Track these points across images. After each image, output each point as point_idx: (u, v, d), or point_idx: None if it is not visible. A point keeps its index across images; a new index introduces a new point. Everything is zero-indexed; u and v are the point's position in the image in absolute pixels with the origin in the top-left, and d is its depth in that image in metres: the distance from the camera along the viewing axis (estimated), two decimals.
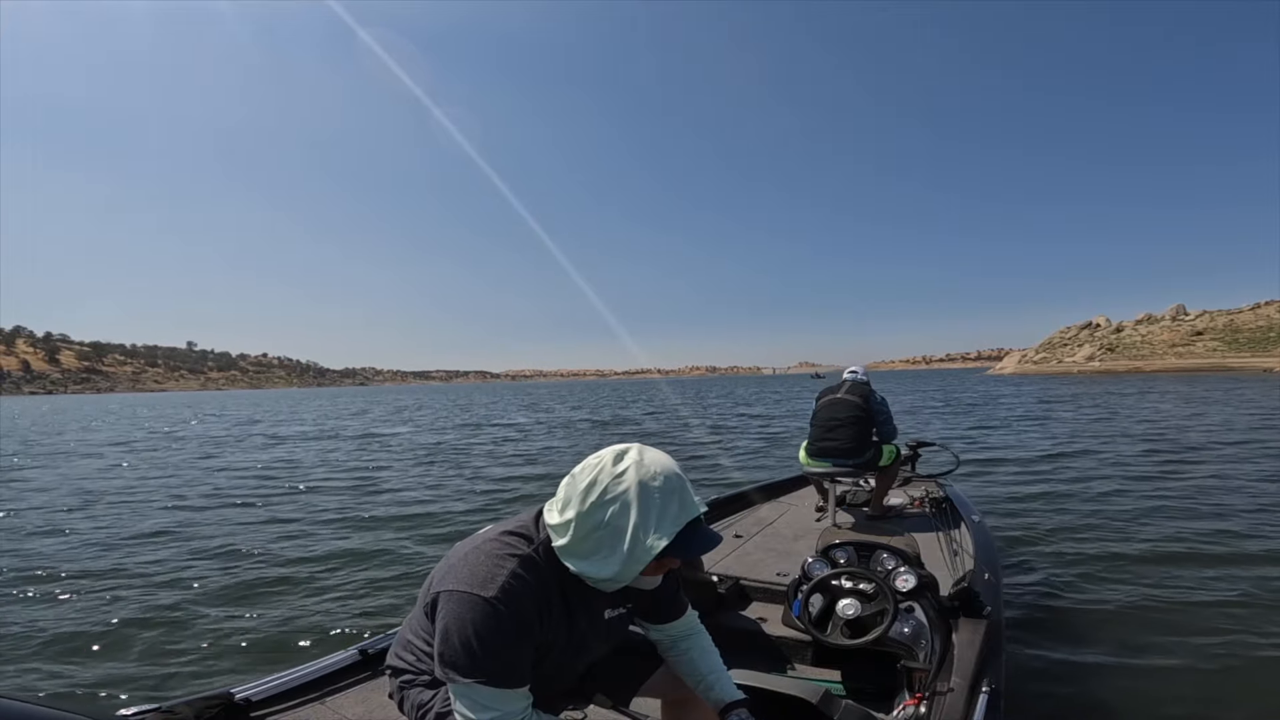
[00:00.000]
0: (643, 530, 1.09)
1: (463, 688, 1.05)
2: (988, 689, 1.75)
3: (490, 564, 1.10)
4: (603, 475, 1.11)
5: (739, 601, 2.78)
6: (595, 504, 1.10)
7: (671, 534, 1.10)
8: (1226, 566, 4.21)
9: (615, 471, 1.11)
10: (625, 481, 1.10)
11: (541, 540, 1.17)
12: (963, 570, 2.76)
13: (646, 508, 1.09)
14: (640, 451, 1.15)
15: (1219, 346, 66.62)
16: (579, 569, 1.13)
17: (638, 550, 1.10)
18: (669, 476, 1.12)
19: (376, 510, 6.97)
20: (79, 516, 6.96)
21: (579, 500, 1.11)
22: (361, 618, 3.83)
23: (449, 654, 1.06)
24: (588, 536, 1.11)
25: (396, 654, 1.31)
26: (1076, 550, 4.66)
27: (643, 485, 1.10)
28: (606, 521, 1.10)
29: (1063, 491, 6.83)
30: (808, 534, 3.68)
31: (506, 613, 1.05)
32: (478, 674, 1.04)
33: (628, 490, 1.09)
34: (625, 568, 1.11)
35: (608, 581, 1.14)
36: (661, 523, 1.10)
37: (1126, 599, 3.74)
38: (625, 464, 1.12)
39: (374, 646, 2.09)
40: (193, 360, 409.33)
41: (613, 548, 1.11)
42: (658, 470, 1.12)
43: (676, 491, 1.12)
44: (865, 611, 2.09)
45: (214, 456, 12.98)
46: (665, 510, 1.10)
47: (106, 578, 4.69)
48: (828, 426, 4.12)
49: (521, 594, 1.08)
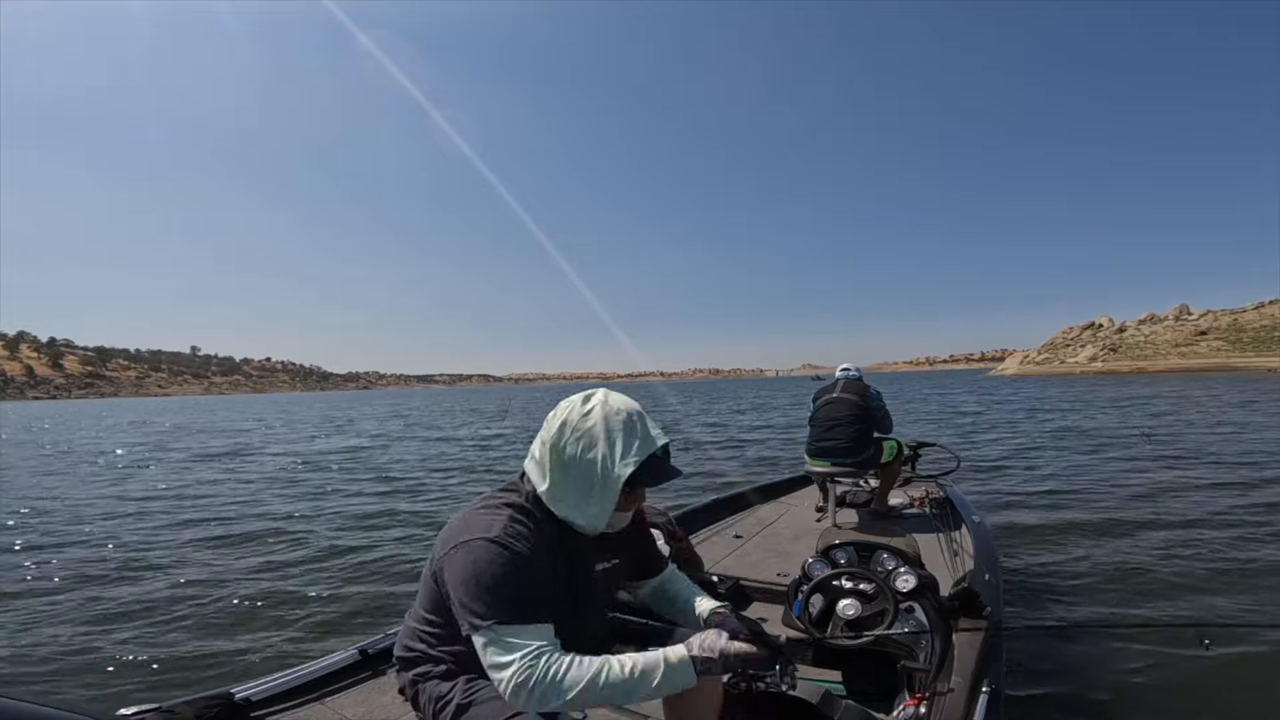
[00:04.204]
0: (610, 460, 1.21)
1: (487, 632, 1.08)
2: (988, 689, 1.75)
3: (487, 515, 1.20)
4: (572, 415, 1.24)
5: (739, 602, 2.78)
6: (567, 441, 1.22)
7: (636, 462, 1.21)
8: (1234, 569, 4.19)
9: (583, 411, 1.24)
10: (592, 418, 1.23)
11: (529, 489, 1.27)
12: (963, 570, 2.75)
13: (612, 440, 1.22)
14: (605, 394, 1.28)
15: (1223, 346, 66.39)
16: (564, 514, 1.24)
17: (609, 481, 1.21)
18: (631, 412, 1.25)
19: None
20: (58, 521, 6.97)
21: (553, 440, 1.23)
22: (361, 617, 3.83)
23: (466, 599, 1.10)
24: (565, 474, 1.23)
25: (405, 644, 1.32)
26: (1078, 551, 4.65)
27: (608, 420, 1.23)
28: (578, 456, 1.22)
29: (1065, 491, 6.80)
30: (808, 534, 3.67)
31: (512, 549, 1.13)
32: (499, 612, 1.08)
33: (595, 426, 1.22)
34: (602, 501, 1.23)
35: (592, 520, 1.24)
36: (626, 452, 1.22)
37: (1128, 600, 3.72)
38: (592, 403, 1.25)
39: (374, 646, 2.08)
40: (196, 365, 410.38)
41: (588, 481, 1.22)
42: (620, 407, 1.25)
43: (638, 425, 1.25)
44: (865, 612, 2.08)
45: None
46: (629, 441, 1.22)
47: (105, 579, 4.70)
48: (827, 426, 4.12)
49: (523, 534, 1.17)
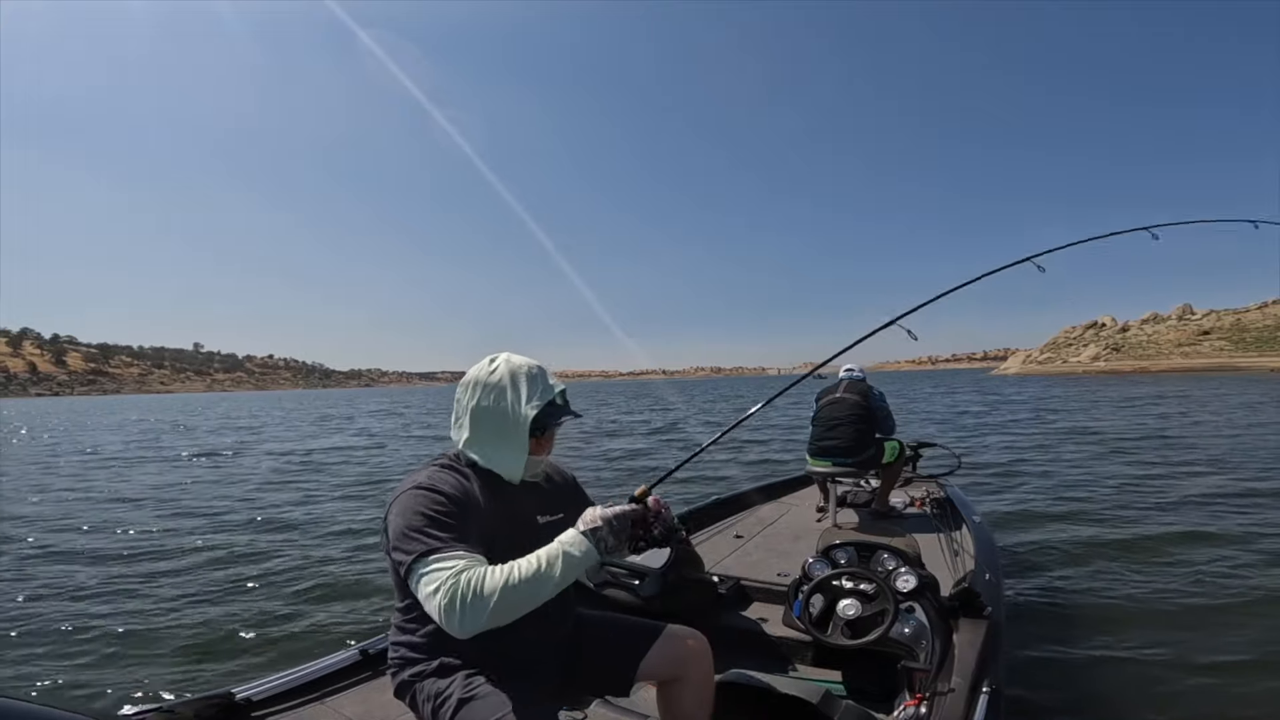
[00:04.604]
0: (516, 405, 1.40)
1: (415, 566, 1.18)
2: (988, 689, 1.75)
3: (417, 473, 1.38)
4: (481, 372, 1.43)
5: (740, 602, 2.78)
6: (479, 395, 1.41)
7: (538, 405, 1.40)
8: (1234, 566, 4.19)
9: (490, 368, 1.43)
10: (498, 373, 1.42)
11: (455, 452, 1.45)
12: (963, 571, 2.75)
13: (517, 388, 1.41)
14: (507, 355, 1.46)
15: (1226, 346, 66.19)
16: (486, 461, 1.41)
17: (518, 423, 1.39)
18: (531, 366, 1.45)
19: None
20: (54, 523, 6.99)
21: (466, 397, 1.43)
22: (361, 617, 3.84)
23: (399, 543, 1.22)
24: (477, 423, 1.41)
25: (393, 644, 1.40)
26: (1079, 551, 4.65)
27: (512, 372, 1.42)
28: (490, 406, 1.40)
29: (1066, 492, 6.79)
30: (808, 534, 3.67)
31: (435, 487, 1.29)
32: (423, 543, 1.19)
33: (501, 378, 1.41)
34: (514, 444, 1.40)
35: (509, 464, 1.41)
36: (530, 397, 1.41)
37: (1129, 599, 3.73)
38: (497, 362, 1.44)
39: (374, 646, 2.09)
40: (199, 362, 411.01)
41: (499, 427, 1.40)
42: (522, 361, 1.45)
43: (539, 376, 1.44)
44: (866, 612, 2.08)
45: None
46: (532, 388, 1.41)
47: (107, 581, 4.72)
48: (829, 425, 4.13)
49: (451, 481, 1.34)
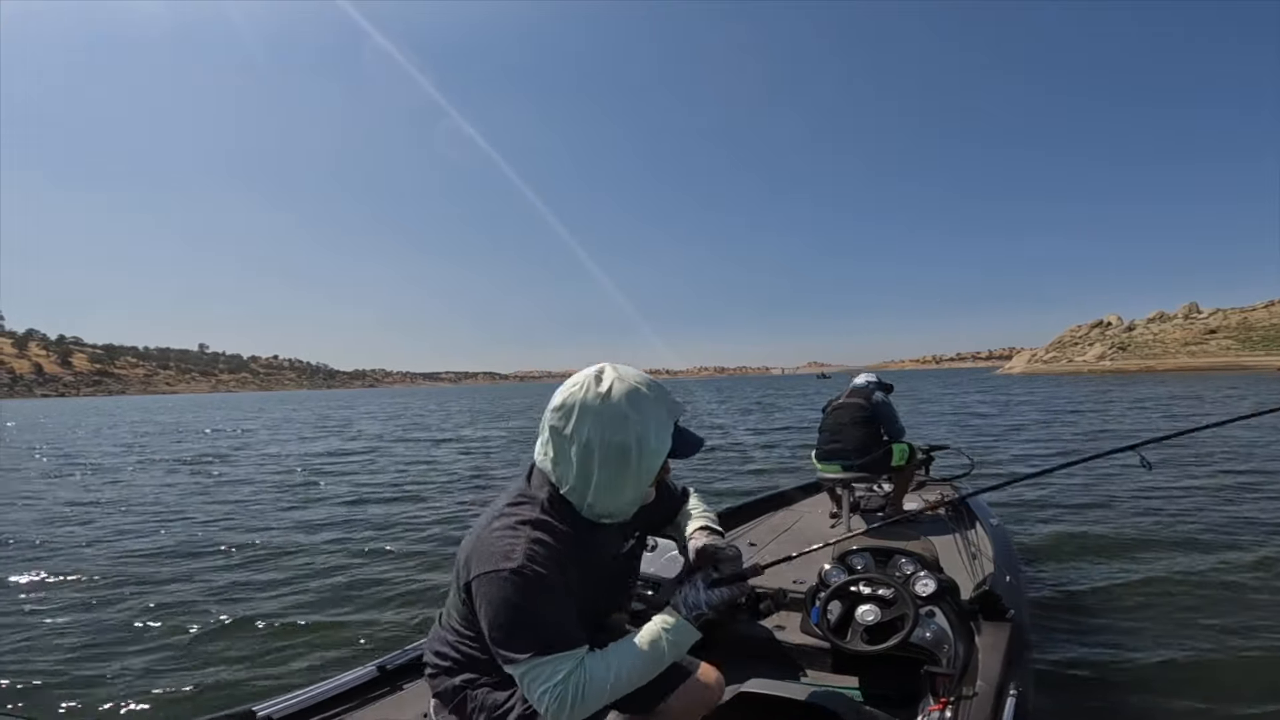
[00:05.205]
0: (644, 438, 1.09)
1: (525, 667, 1.05)
2: (1014, 692, 1.73)
3: (506, 538, 1.09)
4: (589, 397, 1.08)
5: (756, 610, 2.76)
6: (590, 427, 1.08)
7: (670, 435, 1.12)
8: (1268, 569, 4.09)
9: (600, 391, 1.09)
10: (614, 396, 1.08)
11: (545, 496, 1.15)
12: (982, 573, 2.72)
13: (643, 415, 1.09)
14: (613, 367, 1.14)
15: (1233, 345, 65.82)
16: (596, 505, 1.12)
17: (646, 461, 1.10)
18: (648, 382, 1.12)
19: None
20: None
21: (573, 430, 1.09)
22: (380, 633, 3.76)
23: (500, 637, 1.06)
24: (590, 464, 1.09)
25: (441, 651, 1.26)
26: (1101, 553, 4.58)
27: (633, 393, 1.09)
28: (606, 441, 1.08)
29: (1088, 491, 6.66)
30: (823, 540, 3.64)
31: (538, 579, 1.05)
32: (529, 647, 1.04)
33: (619, 404, 1.08)
34: (638, 484, 1.11)
35: (625, 507, 1.14)
36: (661, 426, 1.11)
37: (1157, 599, 3.64)
38: (607, 380, 1.10)
39: (393, 662, 2.08)
40: (204, 362, 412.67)
41: (620, 467, 1.09)
42: (639, 378, 1.12)
43: (663, 394, 1.13)
44: (885, 617, 2.07)
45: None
46: (658, 412, 1.11)
47: (125, 596, 4.70)
48: (834, 430, 4.21)
49: (546, 556, 1.07)
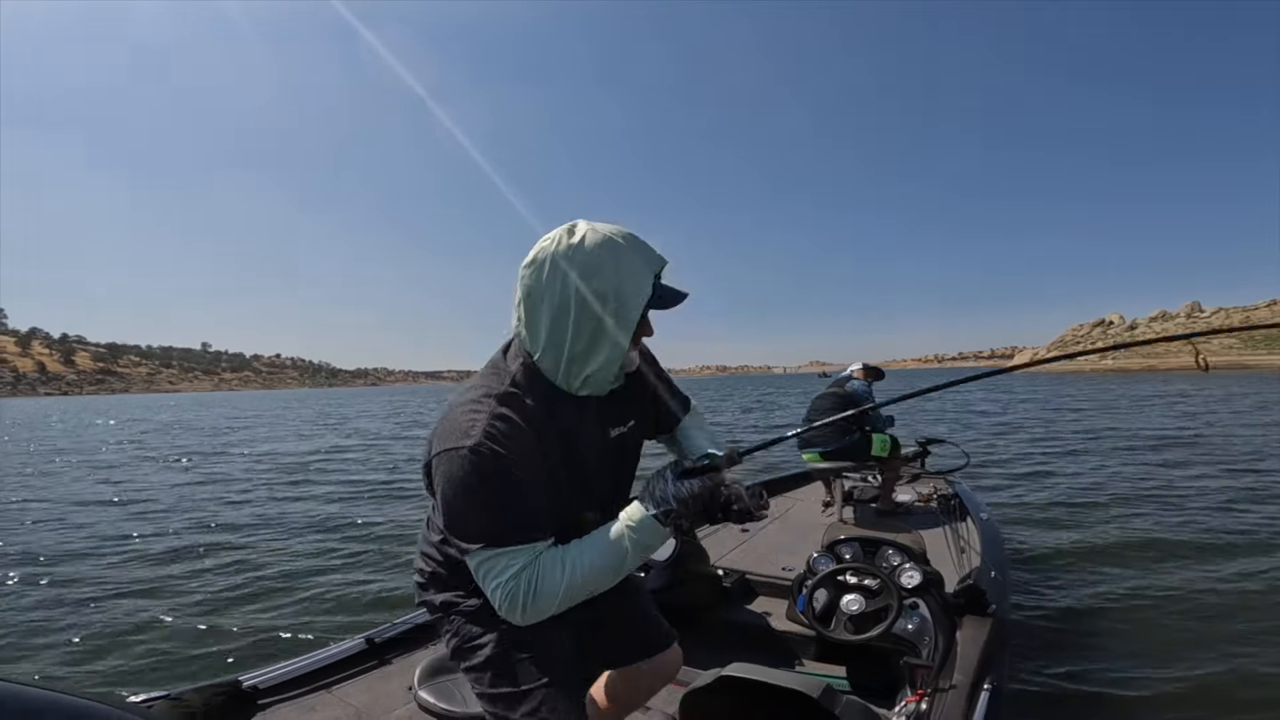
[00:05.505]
0: (621, 282, 1.00)
1: (474, 556, 0.98)
2: (989, 687, 1.75)
3: (467, 413, 1.00)
4: (560, 247, 1.00)
5: (744, 596, 2.79)
6: (561, 277, 0.99)
7: (650, 283, 1.02)
8: (1242, 568, 4.14)
9: (573, 240, 1.00)
10: (589, 242, 0.99)
11: (515, 369, 1.07)
12: (969, 568, 2.74)
13: (618, 259, 0.99)
14: (588, 221, 1.04)
15: (1235, 344, 65.71)
16: (574, 370, 1.04)
17: (626, 307, 1.01)
18: (626, 233, 1.03)
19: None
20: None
21: (545, 285, 1.00)
22: (368, 606, 3.85)
23: (453, 523, 0.99)
24: (565, 319, 1.00)
25: (425, 554, 1.21)
26: (1090, 552, 4.61)
27: (607, 241, 1.00)
28: (580, 290, 0.99)
29: (1075, 489, 6.75)
30: (814, 529, 3.67)
31: (495, 459, 0.96)
32: (486, 537, 0.97)
33: (593, 249, 0.99)
34: (618, 337, 1.02)
35: (606, 367, 1.05)
36: (640, 269, 1.01)
37: (1136, 599, 3.69)
38: (580, 230, 1.01)
39: (380, 635, 2.11)
40: (207, 361, 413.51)
41: (597, 317, 1.00)
42: (614, 229, 1.02)
43: (640, 243, 1.04)
44: (870, 607, 2.09)
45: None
46: (636, 257, 1.01)
47: (112, 570, 4.76)
48: (811, 419, 4.37)
49: (508, 434, 0.99)
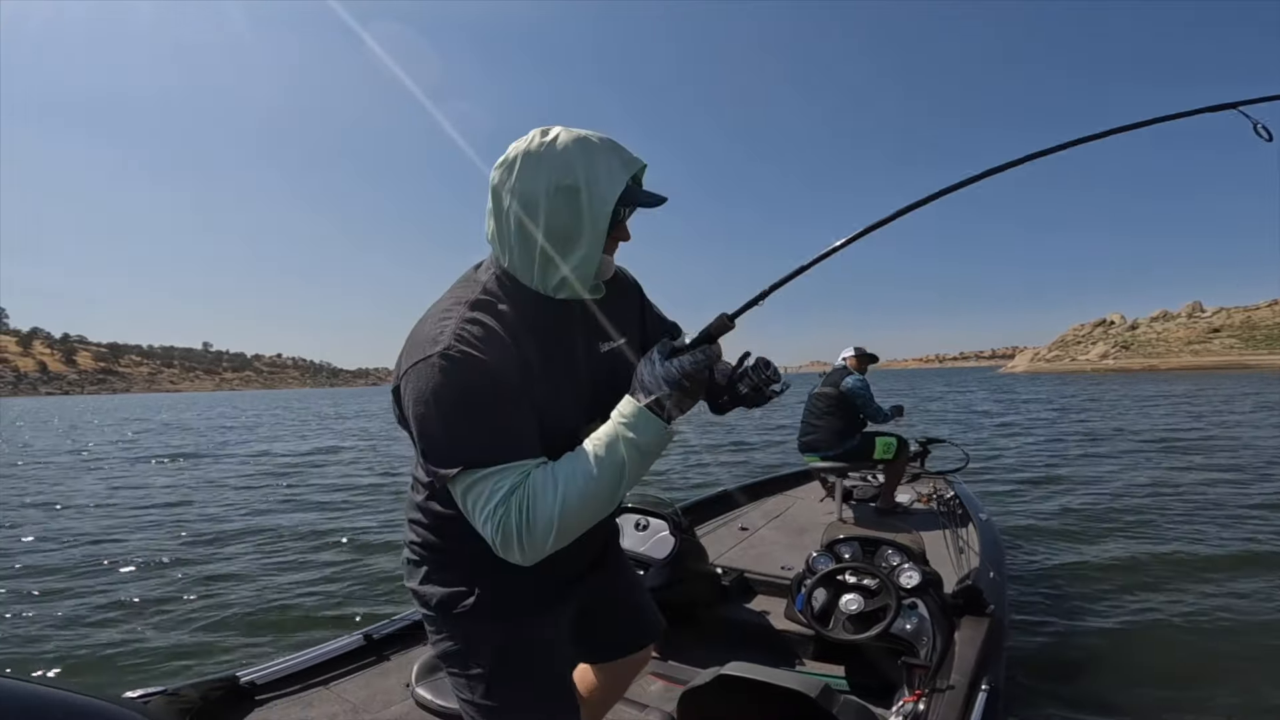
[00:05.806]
0: (594, 179, 0.93)
1: (461, 484, 0.87)
2: (987, 687, 1.75)
3: (436, 322, 0.92)
4: (532, 145, 0.94)
5: (743, 594, 2.79)
6: (532, 176, 0.93)
7: (624, 180, 0.96)
8: (1241, 571, 4.14)
9: (545, 140, 0.95)
10: (560, 141, 0.94)
11: (487, 278, 1.00)
12: (968, 568, 2.75)
13: (591, 156, 0.94)
14: (561, 127, 0.98)
15: (1236, 344, 65.71)
16: (549, 271, 0.98)
17: (597, 204, 0.94)
18: (602, 136, 0.97)
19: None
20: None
21: (514, 183, 0.94)
22: (366, 603, 3.86)
23: (428, 446, 0.88)
24: (536, 218, 0.94)
25: (412, 519, 1.11)
26: (1087, 552, 4.61)
27: (581, 139, 0.95)
28: (552, 187, 0.93)
29: (1076, 491, 6.75)
30: (813, 528, 3.67)
31: (468, 360, 0.87)
32: (467, 456, 0.85)
33: (565, 147, 0.93)
34: (591, 237, 0.95)
35: (580, 267, 0.97)
36: (611, 170, 0.94)
37: (1135, 602, 3.69)
38: (554, 131, 0.96)
39: (379, 631, 2.12)
40: (208, 361, 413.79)
41: (569, 215, 0.94)
42: (590, 132, 0.97)
43: (616, 145, 0.97)
44: (868, 607, 2.09)
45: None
46: (611, 159, 0.95)
47: (111, 565, 4.78)
48: (809, 420, 4.28)
49: (483, 337, 0.90)
